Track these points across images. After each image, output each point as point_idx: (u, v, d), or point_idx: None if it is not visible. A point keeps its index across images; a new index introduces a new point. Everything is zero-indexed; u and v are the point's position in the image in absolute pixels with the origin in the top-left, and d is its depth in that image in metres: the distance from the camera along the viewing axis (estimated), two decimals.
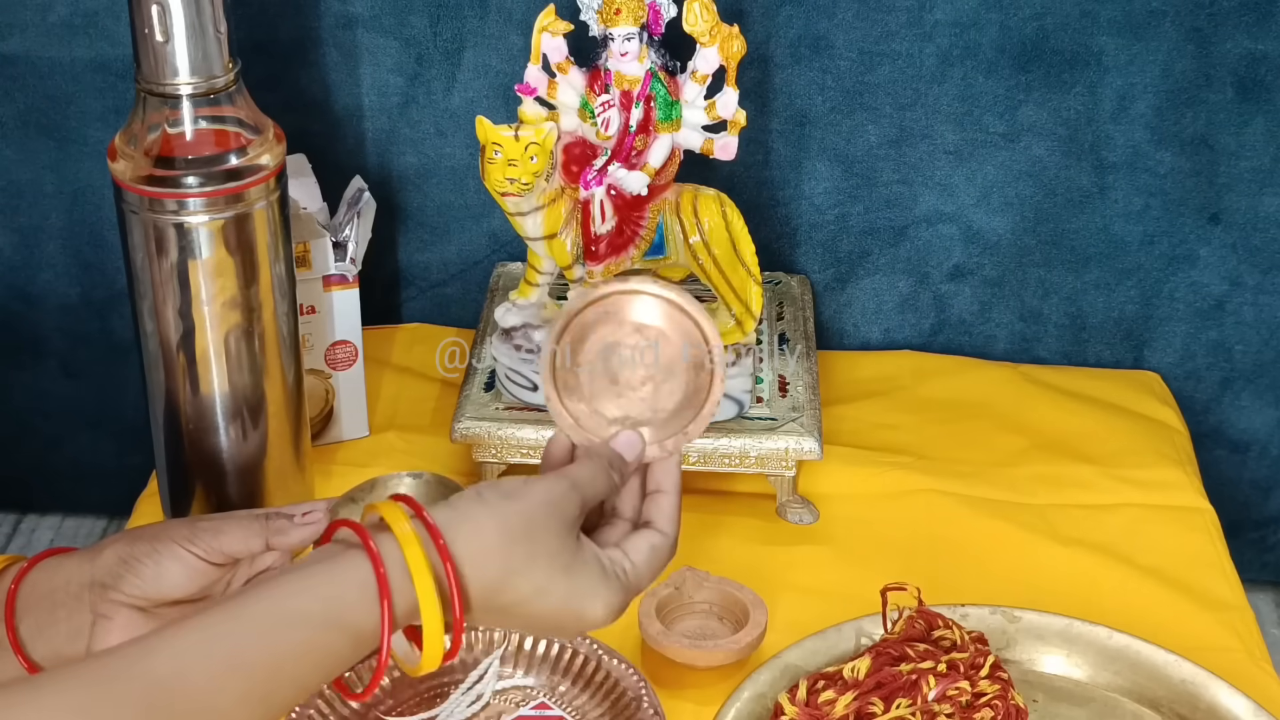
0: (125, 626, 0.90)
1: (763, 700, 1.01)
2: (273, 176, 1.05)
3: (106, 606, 0.90)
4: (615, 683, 1.03)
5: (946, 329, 1.42)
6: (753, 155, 1.34)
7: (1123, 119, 1.32)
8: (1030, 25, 1.29)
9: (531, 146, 1.08)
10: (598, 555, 0.83)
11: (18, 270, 1.43)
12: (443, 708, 1.03)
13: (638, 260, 1.16)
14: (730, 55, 1.11)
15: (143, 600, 0.90)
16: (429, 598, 0.76)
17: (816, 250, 1.39)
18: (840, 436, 1.27)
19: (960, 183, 1.36)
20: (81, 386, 1.49)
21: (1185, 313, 1.39)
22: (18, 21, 1.33)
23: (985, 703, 0.98)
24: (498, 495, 0.81)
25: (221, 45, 1.01)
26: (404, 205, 1.40)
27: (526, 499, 0.81)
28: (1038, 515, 1.21)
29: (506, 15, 1.32)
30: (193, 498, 1.12)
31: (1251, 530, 1.49)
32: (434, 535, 0.78)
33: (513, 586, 0.80)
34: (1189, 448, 1.31)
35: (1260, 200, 1.34)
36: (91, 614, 0.90)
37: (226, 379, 1.08)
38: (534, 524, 0.80)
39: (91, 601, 0.90)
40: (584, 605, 0.82)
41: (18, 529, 1.62)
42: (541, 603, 0.81)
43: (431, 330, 1.42)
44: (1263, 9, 1.27)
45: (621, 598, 0.83)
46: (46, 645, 0.91)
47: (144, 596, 0.90)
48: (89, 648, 0.91)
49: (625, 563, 0.84)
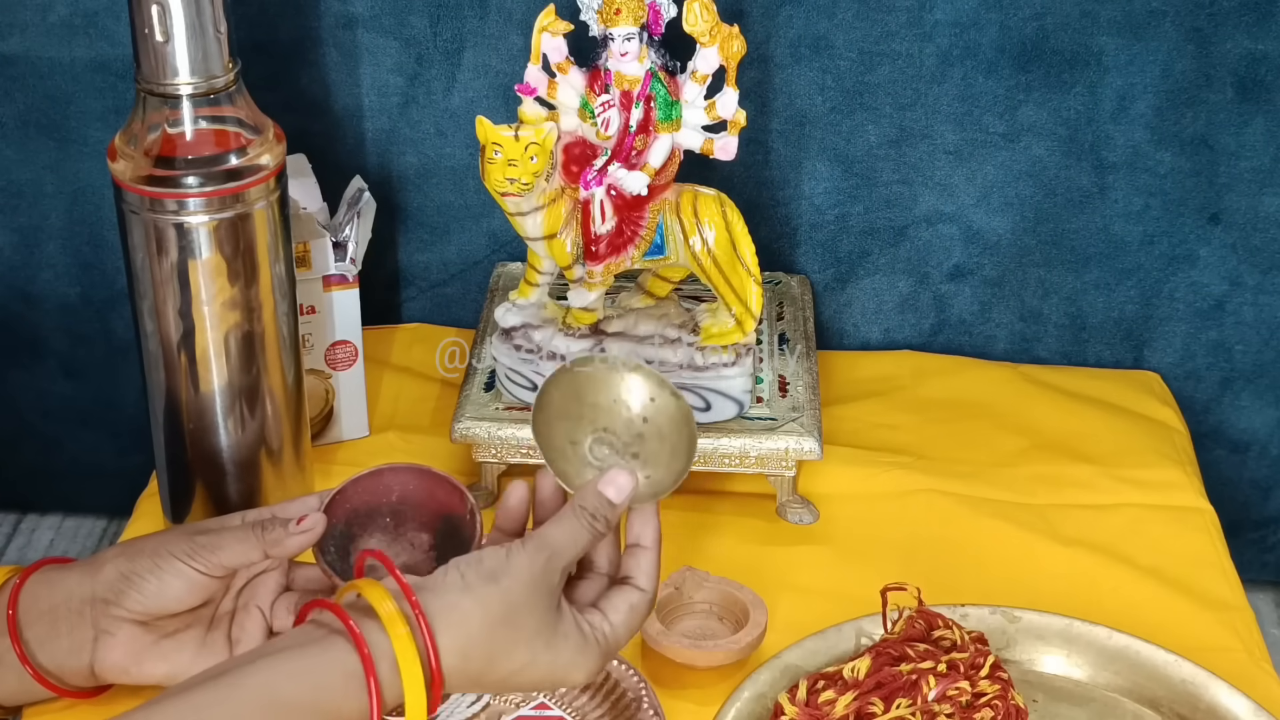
0: (127, 641, 0.91)
1: (763, 700, 1.01)
2: (273, 176, 1.05)
3: (108, 622, 0.90)
4: (615, 683, 1.03)
5: (946, 329, 1.42)
6: (753, 155, 1.34)
7: (1123, 119, 1.32)
8: (1030, 25, 1.29)
9: (531, 146, 1.08)
10: (578, 623, 0.84)
11: (18, 270, 1.43)
12: (443, 708, 1.02)
13: (638, 260, 1.16)
14: (730, 55, 1.11)
15: (144, 615, 0.90)
16: (416, 694, 0.78)
17: (816, 250, 1.39)
18: (840, 436, 1.27)
19: (960, 183, 1.36)
20: (81, 386, 1.49)
21: (1185, 313, 1.39)
22: (18, 21, 1.33)
23: (985, 703, 0.98)
24: (480, 578, 0.81)
25: (221, 45, 1.01)
26: (404, 205, 1.40)
27: (509, 580, 0.81)
28: (1038, 515, 1.21)
29: (506, 15, 1.32)
30: (193, 497, 1.12)
31: (1251, 530, 1.49)
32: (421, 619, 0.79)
33: (495, 669, 0.81)
34: (1189, 448, 1.31)
35: (1260, 200, 1.34)
36: (93, 630, 0.90)
37: (226, 379, 1.08)
38: (517, 607, 0.81)
39: (93, 618, 0.90)
40: (565, 675, 0.84)
41: (18, 529, 1.62)
42: (523, 677, 0.82)
43: (431, 330, 1.42)
44: (1263, 9, 1.27)
45: (600, 662, 0.85)
46: (49, 659, 0.91)
47: (146, 611, 0.90)
48: (91, 662, 0.91)
49: (605, 625, 0.85)
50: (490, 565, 0.82)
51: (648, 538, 0.88)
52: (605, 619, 0.85)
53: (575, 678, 0.84)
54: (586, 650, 0.83)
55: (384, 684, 0.78)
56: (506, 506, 0.91)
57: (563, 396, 0.91)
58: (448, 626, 0.79)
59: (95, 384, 1.49)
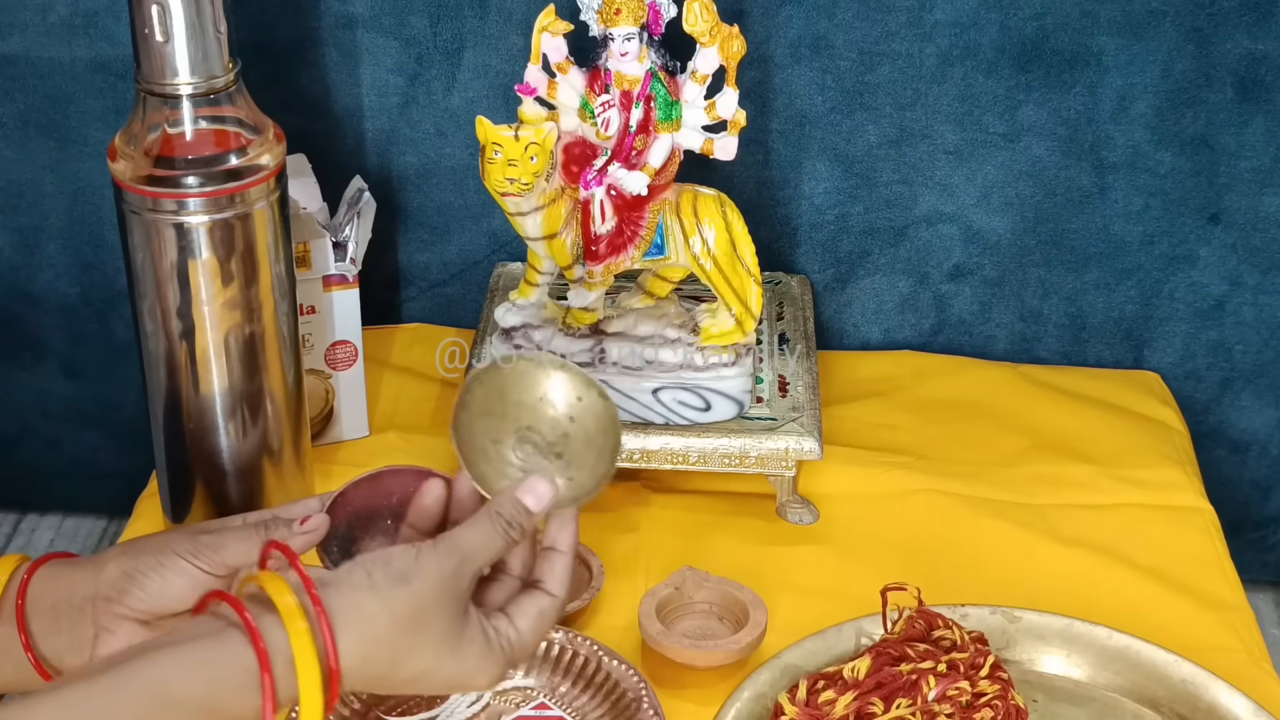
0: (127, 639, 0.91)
1: (763, 700, 1.01)
2: (273, 176, 1.05)
3: (109, 620, 0.90)
4: (615, 683, 1.03)
5: (946, 329, 1.42)
6: (753, 155, 1.34)
7: (1123, 119, 1.32)
8: (1030, 25, 1.29)
9: (531, 146, 1.08)
10: (483, 629, 0.82)
11: (18, 270, 1.43)
12: (443, 708, 1.02)
13: (638, 260, 1.16)
14: (730, 55, 1.11)
15: (146, 614, 0.90)
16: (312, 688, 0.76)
17: (816, 250, 1.39)
18: (840, 436, 1.27)
19: (960, 183, 1.36)
20: (81, 386, 1.49)
21: (1185, 313, 1.39)
22: (18, 21, 1.33)
23: (985, 703, 0.98)
24: (388, 579, 0.79)
25: (221, 45, 1.01)
26: (404, 205, 1.40)
27: (417, 583, 0.79)
28: (1038, 515, 1.21)
29: (506, 15, 1.32)
30: (193, 497, 1.12)
31: (1251, 530, 1.49)
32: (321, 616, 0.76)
33: (397, 672, 0.79)
34: (1189, 448, 1.31)
35: (1260, 200, 1.34)
36: (94, 627, 0.90)
37: (226, 379, 1.08)
38: (424, 612, 0.79)
39: (94, 615, 0.90)
40: (467, 681, 0.82)
41: (18, 529, 1.62)
42: (426, 681, 0.81)
43: (431, 330, 1.42)
44: (1263, 9, 1.27)
45: (503, 669, 0.83)
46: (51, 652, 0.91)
47: (148, 610, 0.90)
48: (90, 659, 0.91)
49: (511, 632, 0.83)
50: (399, 566, 0.80)
51: (563, 542, 0.86)
52: (512, 625, 0.83)
53: (478, 683, 0.82)
54: (491, 656, 0.82)
55: (280, 681, 0.75)
56: (421, 505, 0.89)
57: (486, 394, 0.89)
58: (350, 627, 0.77)
59: (95, 384, 1.49)
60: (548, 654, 1.05)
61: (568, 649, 1.05)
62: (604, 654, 1.04)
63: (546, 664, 1.05)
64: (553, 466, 0.87)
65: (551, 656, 1.05)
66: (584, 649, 1.05)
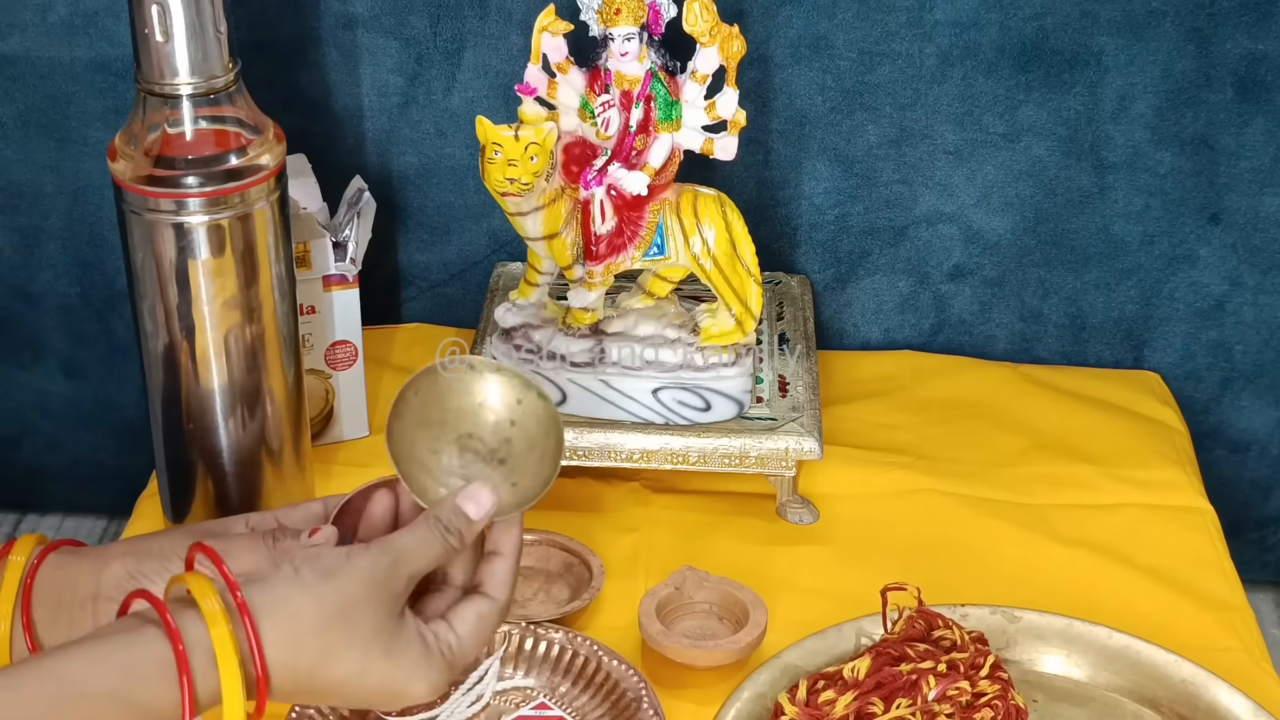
0: None
1: (763, 700, 1.01)
2: (273, 176, 1.05)
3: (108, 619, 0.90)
4: (615, 683, 1.03)
5: (946, 329, 1.42)
6: (753, 155, 1.34)
7: (1123, 119, 1.32)
8: (1030, 25, 1.29)
9: (531, 146, 1.08)
10: (421, 633, 0.81)
11: (18, 270, 1.43)
12: (443, 708, 1.02)
13: (638, 260, 1.16)
14: (730, 55, 1.11)
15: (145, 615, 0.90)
16: (232, 684, 0.74)
17: (816, 250, 1.39)
18: (840, 436, 1.27)
19: (960, 183, 1.36)
20: (81, 386, 1.49)
21: (1185, 313, 1.39)
22: (18, 21, 1.33)
23: (985, 703, 0.98)
24: (316, 575, 0.78)
25: (221, 45, 1.01)
26: (404, 205, 1.40)
27: (346, 578, 0.78)
28: (1038, 515, 1.21)
29: (506, 15, 1.32)
30: (193, 497, 1.12)
31: (1251, 530, 1.49)
32: (244, 614, 0.75)
33: (328, 670, 0.78)
34: (1189, 448, 1.31)
35: (1260, 200, 1.34)
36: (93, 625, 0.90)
37: (226, 379, 1.08)
38: (353, 605, 0.78)
39: (94, 613, 0.90)
40: (404, 686, 0.80)
41: (18, 529, 1.62)
42: (358, 684, 0.79)
43: (431, 330, 1.42)
44: (1263, 9, 1.27)
45: (445, 675, 0.81)
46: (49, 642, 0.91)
47: None
48: None
49: (450, 637, 0.82)
50: (327, 562, 0.79)
51: (506, 545, 0.85)
52: (451, 630, 0.82)
53: (417, 689, 0.80)
54: (430, 661, 0.80)
55: (202, 676, 0.74)
56: (370, 516, 0.88)
57: (423, 403, 0.87)
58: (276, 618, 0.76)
59: (95, 384, 1.49)
60: (548, 654, 1.05)
61: (568, 649, 1.05)
62: (604, 654, 1.04)
63: (546, 664, 1.05)
64: (496, 473, 0.85)
65: (551, 656, 1.05)
66: (584, 649, 1.05)
